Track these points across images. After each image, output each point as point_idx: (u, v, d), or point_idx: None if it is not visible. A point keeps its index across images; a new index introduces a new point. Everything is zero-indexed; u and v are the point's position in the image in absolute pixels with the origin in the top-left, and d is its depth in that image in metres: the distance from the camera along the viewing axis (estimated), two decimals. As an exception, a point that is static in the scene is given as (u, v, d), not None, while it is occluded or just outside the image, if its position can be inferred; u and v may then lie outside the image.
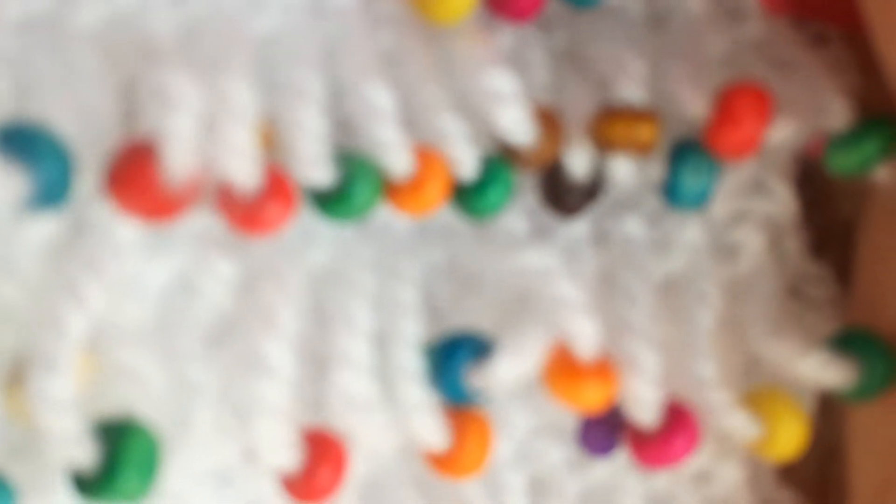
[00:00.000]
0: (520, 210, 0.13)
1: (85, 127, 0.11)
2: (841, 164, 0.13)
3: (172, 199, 0.10)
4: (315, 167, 0.11)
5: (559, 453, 0.14)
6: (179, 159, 0.10)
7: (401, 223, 0.13)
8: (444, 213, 0.13)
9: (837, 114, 0.12)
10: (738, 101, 0.12)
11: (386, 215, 0.13)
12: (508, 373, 0.12)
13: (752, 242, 0.14)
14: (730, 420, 0.12)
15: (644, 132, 0.12)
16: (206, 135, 0.11)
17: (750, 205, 0.14)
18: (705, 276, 0.13)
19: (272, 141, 0.11)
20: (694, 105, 0.12)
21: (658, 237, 0.14)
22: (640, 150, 0.13)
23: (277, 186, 0.11)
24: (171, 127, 0.10)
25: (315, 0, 0.12)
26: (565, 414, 0.13)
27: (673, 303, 0.13)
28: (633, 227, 0.14)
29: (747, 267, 0.14)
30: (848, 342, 0.13)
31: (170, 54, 0.11)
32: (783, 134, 0.12)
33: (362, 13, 0.13)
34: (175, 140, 0.10)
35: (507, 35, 0.13)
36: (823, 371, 0.13)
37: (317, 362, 0.12)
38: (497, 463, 0.14)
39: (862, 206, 0.14)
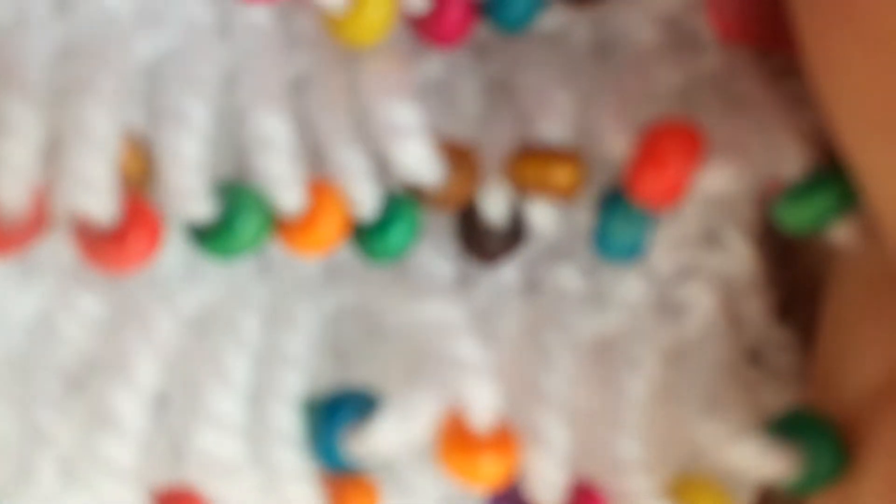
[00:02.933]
0: (443, 254, 0.12)
1: None
2: (791, 218, 0.11)
3: (10, 232, 0.10)
4: (191, 199, 0.11)
5: None
6: (12, 190, 0.10)
7: (308, 263, 0.12)
8: (358, 254, 0.12)
9: (790, 160, 0.11)
10: (662, 141, 0.11)
11: (287, 252, 0.12)
12: (392, 439, 0.11)
13: (700, 301, 0.12)
14: None
15: (561, 175, 0.11)
16: (52, 162, 0.10)
17: (700, 259, 0.12)
18: (643, 338, 0.12)
19: (145, 170, 0.11)
20: (615, 144, 0.11)
21: (594, 291, 0.12)
22: (559, 193, 0.11)
23: (139, 219, 0.10)
24: (3, 155, 0.10)
25: (223, 17, 0.12)
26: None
27: (602, 368, 0.12)
28: (567, 278, 0.12)
29: (694, 330, 0.12)
30: (793, 426, 0.11)
31: (29, 77, 0.10)
32: (719, 180, 0.11)
33: (275, 33, 0.12)
34: (6, 170, 0.10)
35: (436, 62, 0.12)
36: (760, 459, 0.11)
37: (182, 417, 0.11)
38: None
39: (829, 266, 0.12)
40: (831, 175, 0.11)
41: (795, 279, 0.13)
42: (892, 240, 0.10)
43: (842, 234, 0.11)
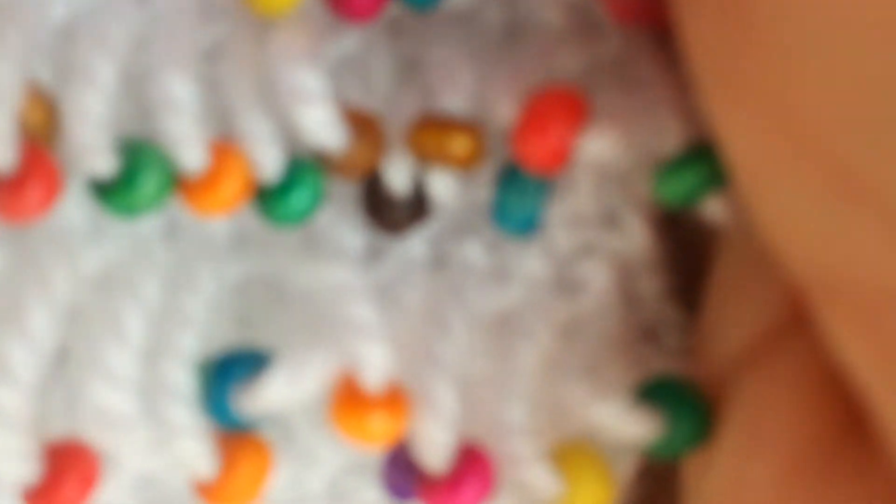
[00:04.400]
0: (352, 226, 0.12)
1: None
2: (666, 191, 0.11)
3: None
4: (92, 154, 0.11)
5: (372, 494, 0.13)
6: None
7: (218, 227, 0.12)
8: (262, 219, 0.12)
9: (668, 135, 0.11)
10: (544, 106, 0.11)
11: (194, 215, 0.12)
12: (281, 396, 0.11)
13: (597, 279, 0.13)
14: (529, 473, 0.11)
15: (459, 144, 0.11)
16: None
17: (598, 238, 0.13)
18: (540, 312, 0.12)
19: (49, 123, 0.11)
20: (504, 111, 0.11)
21: (497, 266, 0.13)
22: (458, 163, 0.12)
23: (37, 168, 0.11)
24: None
25: None
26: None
27: (497, 338, 0.12)
28: (473, 252, 0.13)
29: (589, 305, 0.13)
30: (657, 391, 0.12)
31: None
32: (601, 146, 0.11)
33: (192, 2, 0.12)
34: None
35: (350, 38, 0.12)
36: (622, 420, 0.11)
37: (77, 371, 0.11)
38: (307, 500, 0.13)
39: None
40: (705, 153, 0.11)
41: (692, 265, 0.13)
42: (754, 219, 0.10)
43: (713, 209, 0.12)
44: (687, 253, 0.14)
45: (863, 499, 0.11)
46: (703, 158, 0.11)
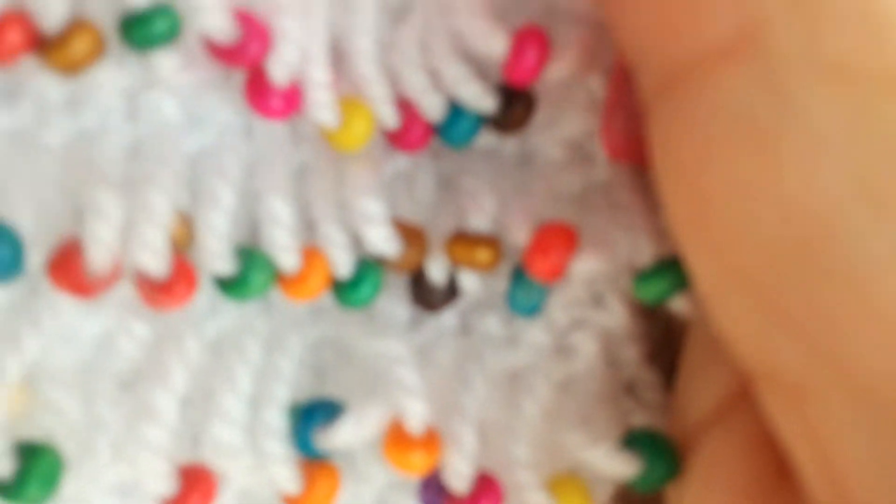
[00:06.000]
0: (401, 302, 0.15)
1: (41, 222, 0.13)
2: (643, 293, 0.14)
3: (94, 284, 0.13)
4: (218, 260, 0.13)
5: None
6: (98, 258, 0.13)
7: (299, 305, 0.15)
8: (335, 302, 0.15)
9: (642, 251, 0.14)
10: (548, 236, 0.13)
11: (287, 299, 0.14)
12: (350, 437, 0.14)
13: (586, 347, 0.15)
14: (530, 498, 0.14)
15: (483, 255, 0.14)
16: (127, 235, 0.13)
17: (588, 315, 0.15)
18: (541, 372, 0.15)
19: (187, 237, 0.14)
20: (519, 236, 0.14)
21: (509, 335, 0.15)
22: (482, 268, 0.14)
23: (182, 275, 0.13)
24: (94, 233, 0.13)
25: (247, 123, 0.14)
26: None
27: (509, 393, 0.15)
28: (491, 324, 0.15)
29: (581, 368, 0.15)
30: (638, 440, 0.14)
31: (111, 171, 0.13)
32: (589, 265, 0.14)
33: (285, 134, 0.15)
34: (96, 244, 0.13)
35: (403, 160, 0.15)
36: (610, 463, 0.14)
37: (202, 413, 0.14)
38: None
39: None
40: (672, 265, 0.14)
41: (667, 331, 0.16)
42: (709, 314, 0.13)
43: (680, 306, 0.14)
44: (659, 326, 0.16)
45: None
46: (671, 270, 0.13)
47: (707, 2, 0.11)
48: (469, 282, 0.15)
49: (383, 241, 0.14)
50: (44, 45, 0.12)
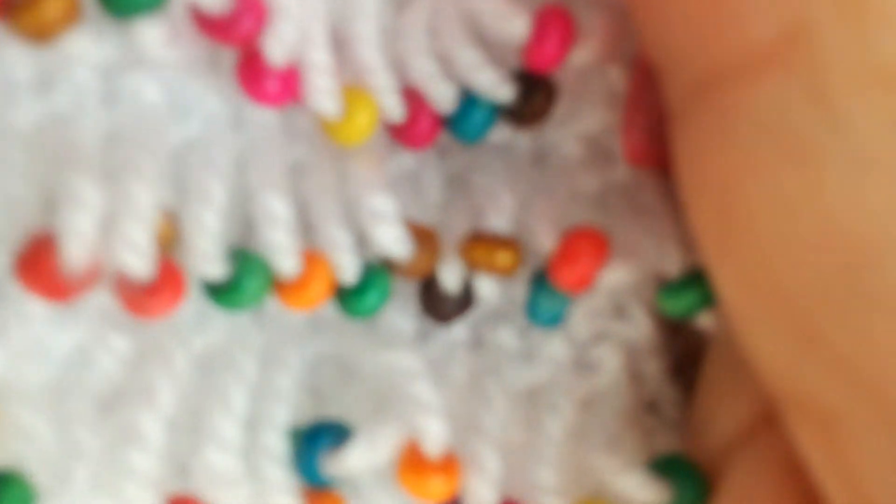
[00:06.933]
0: (407, 313, 0.14)
1: (6, 215, 0.12)
2: (669, 307, 0.13)
3: (70, 284, 0.11)
4: (208, 262, 0.12)
5: None
6: (76, 252, 0.11)
7: (297, 316, 0.14)
8: (338, 311, 0.14)
9: (670, 261, 0.13)
10: (577, 243, 0.13)
11: (281, 306, 0.13)
12: (361, 462, 0.13)
13: (609, 361, 0.14)
14: None
15: (503, 258, 0.13)
16: (107, 231, 0.12)
17: (610, 327, 0.14)
18: (563, 389, 0.14)
19: (172, 237, 0.12)
20: (544, 241, 0.13)
21: (526, 348, 0.14)
22: (501, 272, 0.13)
23: (168, 278, 0.12)
24: (71, 224, 0.11)
25: (236, 113, 0.13)
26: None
27: (529, 411, 0.14)
28: (506, 337, 0.14)
29: (603, 384, 0.14)
30: (667, 466, 0.13)
31: (88, 158, 0.12)
32: (618, 275, 0.13)
33: (279, 127, 0.14)
34: (73, 236, 0.11)
35: (408, 158, 0.14)
36: (640, 490, 0.13)
37: (192, 437, 0.13)
38: None
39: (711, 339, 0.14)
40: (699, 279, 0.13)
41: (686, 349, 0.15)
42: (732, 331, 0.12)
43: (706, 322, 0.13)
44: (680, 338, 0.15)
45: None
46: (697, 284, 0.13)
47: (748, 4, 0.10)
48: (486, 288, 0.14)
49: (394, 241, 0.13)
50: (11, 7, 0.11)
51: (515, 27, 0.12)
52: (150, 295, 0.12)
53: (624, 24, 0.13)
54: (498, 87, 0.13)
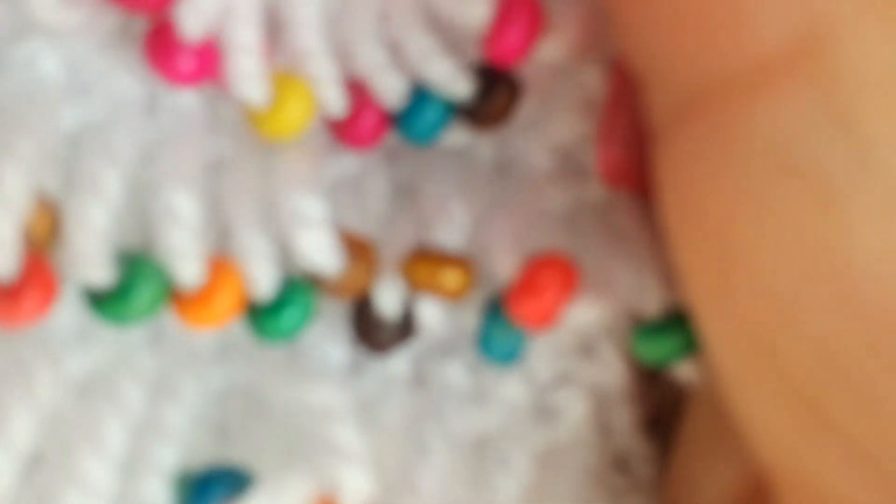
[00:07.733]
0: (337, 340, 0.13)
1: None
2: (645, 352, 0.12)
3: None
4: (90, 264, 0.11)
5: None
6: None
7: (203, 336, 0.12)
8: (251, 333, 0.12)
9: (649, 299, 0.12)
10: (541, 273, 0.11)
11: (181, 324, 0.12)
12: None
13: (573, 408, 0.13)
14: None
15: (450, 278, 0.12)
16: None
17: (576, 368, 0.13)
18: (517, 439, 0.13)
19: (51, 231, 0.11)
20: (502, 266, 0.12)
21: (476, 389, 0.13)
22: (448, 295, 0.12)
23: (36, 277, 0.10)
24: None
25: (151, 96, 0.12)
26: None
27: (476, 465, 0.12)
28: (453, 373, 0.13)
29: (566, 434, 0.13)
30: None
31: None
32: (587, 312, 0.12)
33: (199, 116, 0.12)
34: None
35: (350, 161, 0.13)
36: None
37: (53, 479, 0.11)
38: None
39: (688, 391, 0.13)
40: (681, 321, 0.12)
41: (662, 397, 0.14)
42: (719, 389, 0.11)
43: (686, 372, 0.12)
44: (660, 387, 0.14)
45: None
46: (679, 327, 0.11)
47: (755, 3, 0.09)
48: (429, 314, 0.12)
49: (321, 251, 0.12)
50: None
51: (475, 12, 0.12)
52: (10, 298, 0.10)
53: (602, 21, 0.12)
54: (454, 81, 0.12)
